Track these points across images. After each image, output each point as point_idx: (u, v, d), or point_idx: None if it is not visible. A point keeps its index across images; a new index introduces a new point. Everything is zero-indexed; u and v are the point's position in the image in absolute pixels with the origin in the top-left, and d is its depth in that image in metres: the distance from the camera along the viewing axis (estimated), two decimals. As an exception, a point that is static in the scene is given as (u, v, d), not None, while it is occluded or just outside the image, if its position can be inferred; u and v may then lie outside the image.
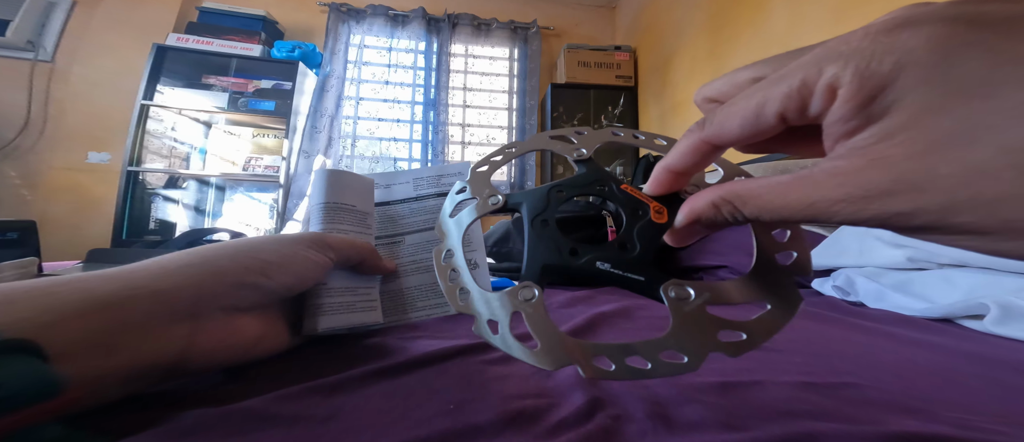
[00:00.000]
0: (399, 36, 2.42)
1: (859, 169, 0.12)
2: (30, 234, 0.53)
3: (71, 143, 1.98)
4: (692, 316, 0.17)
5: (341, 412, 0.19)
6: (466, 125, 2.46)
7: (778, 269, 0.18)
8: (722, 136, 0.15)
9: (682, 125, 1.95)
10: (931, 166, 0.11)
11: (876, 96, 0.12)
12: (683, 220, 0.17)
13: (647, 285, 0.18)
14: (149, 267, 0.21)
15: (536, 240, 0.20)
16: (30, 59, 1.92)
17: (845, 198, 0.12)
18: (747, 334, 0.16)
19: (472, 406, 0.20)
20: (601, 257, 0.19)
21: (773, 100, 0.13)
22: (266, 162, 2.08)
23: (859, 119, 0.12)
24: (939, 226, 0.11)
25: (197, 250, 0.23)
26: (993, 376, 0.27)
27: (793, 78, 0.13)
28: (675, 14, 2.04)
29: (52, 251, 1.14)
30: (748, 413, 0.19)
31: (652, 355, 0.16)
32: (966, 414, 0.20)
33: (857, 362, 0.29)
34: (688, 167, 0.17)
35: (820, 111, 0.13)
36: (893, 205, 0.11)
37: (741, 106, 0.14)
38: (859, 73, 0.12)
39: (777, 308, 0.17)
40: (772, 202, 0.14)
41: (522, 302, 0.18)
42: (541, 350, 0.17)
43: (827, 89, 0.12)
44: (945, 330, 0.41)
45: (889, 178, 0.11)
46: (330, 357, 0.27)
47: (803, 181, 0.13)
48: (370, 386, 0.22)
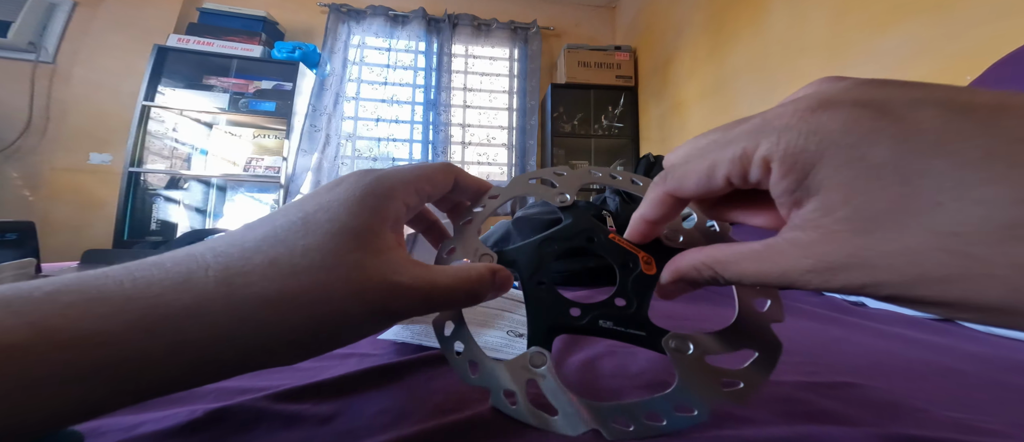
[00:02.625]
0: (399, 36, 2.42)
1: (815, 242, 0.12)
2: (29, 235, 0.53)
3: (73, 144, 1.99)
4: (694, 367, 0.18)
5: (341, 412, 0.19)
6: (466, 125, 2.46)
7: (758, 316, 0.20)
8: (682, 190, 0.16)
9: (682, 125, 1.95)
10: (874, 245, 0.11)
11: (809, 173, 0.12)
12: (669, 279, 0.18)
13: (648, 340, 0.19)
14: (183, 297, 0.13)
15: (536, 303, 0.20)
16: (32, 60, 1.93)
17: (811, 269, 0.13)
18: (743, 382, 0.18)
19: (470, 406, 0.20)
20: (602, 315, 0.20)
21: (721, 164, 0.14)
22: (267, 162, 2.08)
23: (799, 193, 0.13)
24: (908, 298, 0.12)
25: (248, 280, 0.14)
26: (993, 376, 0.27)
27: (735, 146, 0.14)
28: (675, 14, 2.03)
29: (54, 252, 1.14)
30: (748, 413, 0.19)
31: (667, 410, 0.18)
32: (966, 414, 0.20)
33: (857, 362, 0.29)
34: (660, 217, 0.18)
35: (759, 180, 0.14)
36: (855, 278, 0.12)
37: (695, 165, 0.15)
38: (790, 151, 0.12)
39: (763, 355, 0.19)
40: (748, 270, 0.15)
41: (535, 371, 0.18)
42: (561, 418, 0.17)
43: (762, 162, 0.13)
44: (946, 329, 0.41)
45: (843, 253, 0.12)
46: (330, 357, 0.27)
47: (771, 251, 0.14)
48: (370, 386, 0.22)
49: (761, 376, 0.18)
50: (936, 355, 0.31)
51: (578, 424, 0.17)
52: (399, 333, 0.30)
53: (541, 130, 2.46)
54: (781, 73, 1.37)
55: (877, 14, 1.04)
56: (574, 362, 0.26)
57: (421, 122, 2.39)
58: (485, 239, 0.83)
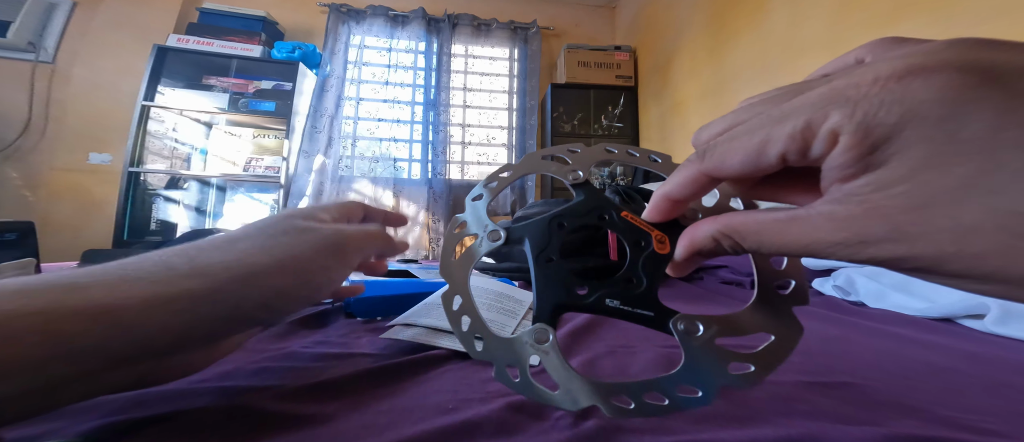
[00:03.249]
0: (399, 36, 2.42)
1: (855, 216, 0.12)
2: (29, 235, 0.53)
3: (72, 144, 1.99)
4: (702, 349, 0.18)
5: (341, 412, 0.19)
6: (466, 125, 2.46)
7: (779, 298, 0.19)
8: (722, 170, 0.15)
9: (682, 125, 1.95)
10: (924, 220, 0.11)
11: (879, 146, 0.12)
12: (683, 253, 0.17)
13: (656, 320, 0.19)
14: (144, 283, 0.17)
15: (543, 279, 0.20)
16: (31, 60, 1.93)
17: (842, 242, 0.12)
18: (755, 366, 0.17)
19: (470, 406, 0.20)
20: (609, 294, 0.19)
21: (777, 140, 0.13)
22: (267, 162, 2.08)
23: (857, 167, 0.12)
24: (933, 271, 0.12)
25: (209, 260, 0.18)
26: (993, 376, 0.27)
27: (796, 119, 0.13)
28: (675, 14, 2.03)
29: (54, 252, 1.14)
30: (748, 413, 0.19)
31: (669, 391, 0.17)
32: (966, 414, 0.20)
33: (857, 362, 0.29)
34: (687, 196, 0.17)
35: (821, 155, 0.13)
36: (887, 251, 0.12)
37: (743, 141, 0.14)
38: (865, 122, 0.12)
39: (780, 339, 0.18)
40: (771, 239, 0.14)
41: (538, 346, 0.18)
42: (561, 393, 0.17)
43: (830, 135, 0.12)
44: (945, 330, 0.41)
45: (885, 228, 0.12)
46: (330, 357, 0.27)
47: (801, 221, 0.13)
48: (370, 386, 0.22)
49: (775, 361, 0.17)
50: (936, 355, 0.31)
51: (578, 400, 0.17)
52: (399, 332, 0.30)
53: (541, 130, 2.46)
54: (781, 73, 1.37)
55: (877, 14, 1.04)
56: (573, 364, 0.26)
57: (421, 122, 2.39)
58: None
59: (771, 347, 0.18)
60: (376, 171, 2.32)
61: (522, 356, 0.18)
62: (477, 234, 0.21)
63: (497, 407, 0.19)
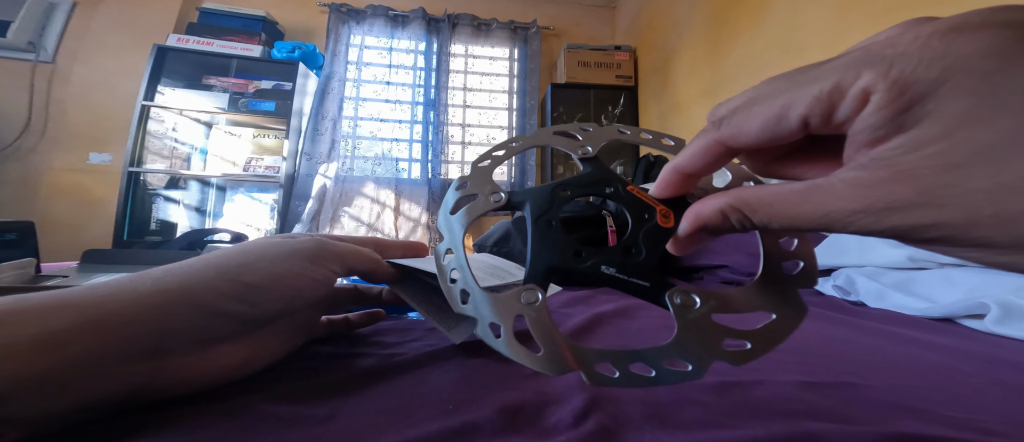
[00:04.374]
0: (399, 36, 2.42)
1: (882, 181, 0.11)
2: (28, 235, 0.53)
3: (72, 144, 1.99)
4: (696, 323, 0.17)
5: (341, 412, 0.19)
6: (466, 125, 2.46)
7: (784, 279, 0.18)
8: (739, 137, 0.14)
9: (682, 124, 1.95)
10: (959, 181, 0.10)
11: (914, 104, 0.11)
12: (688, 228, 0.17)
13: (652, 291, 0.18)
14: (122, 288, 0.18)
15: (539, 241, 0.19)
16: (31, 60, 1.93)
17: (864, 209, 0.12)
18: (751, 343, 0.16)
19: (470, 406, 0.20)
20: (606, 261, 0.18)
21: (800, 102, 0.13)
22: (267, 163, 2.08)
23: (889, 128, 0.11)
24: (955, 239, 0.11)
25: (180, 266, 0.20)
26: (993, 376, 0.27)
27: (825, 81, 0.12)
28: (675, 14, 2.03)
29: (53, 252, 1.14)
30: (747, 413, 0.19)
31: (656, 362, 0.16)
32: (966, 414, 0.20)
33: (857, 362, 0.29)
34: (698, 169, 0.17)
35: (847, 117, 0.12)
36: (912, 218, 0.11)
37: (764, 106, 0.14)
38: (902, 79, 0.11)
39: (781, 318, 0.17)
40: (784, 211, 0.13)
41: (525, 305, 0.17)
42: (544, 356, 0.16)
43: (861, 93, 0.12)
44: (946, 329, 0.41)
45: (913, 192, 0.11)
46: (330, 357, 0.27)
47: (818, 190, 0.13)
48: (370, 386, 0.22)
49: (774, 341, 0.16)
50: (936, 355, 0.31)
51: (560, 365, 0.16)
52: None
53: (541, 130, 2.46)
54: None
55: (877, 14, 1.04)
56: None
57: (421, 122, 2.39)
58: (485, 238, 0.83)
59: (771, 325, 0.17)
60: (377, 171, 2.32)
61: (506, 314, 0.17)
62: (477, 194, 0.21)
63: (497, 408, 0.19)
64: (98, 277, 0.40)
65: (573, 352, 0.16)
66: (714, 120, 0.15)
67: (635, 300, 0.43)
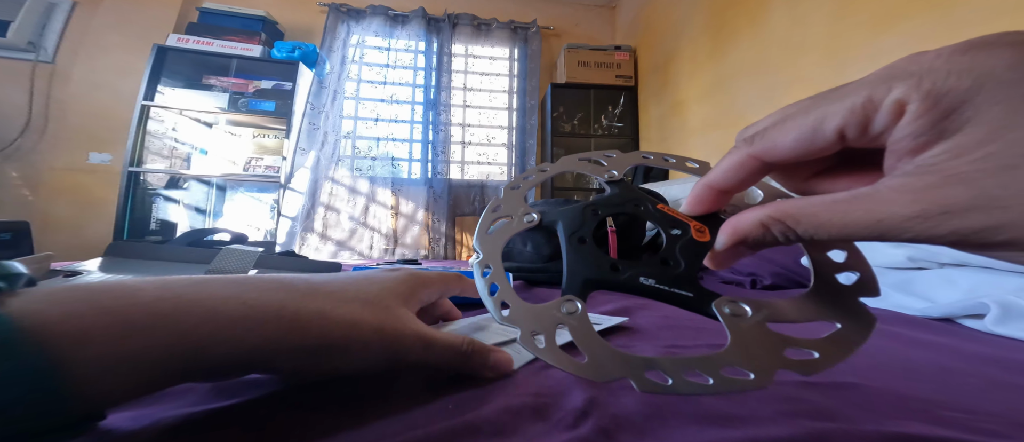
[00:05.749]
0: (399, 36, 2.42)
1: (934, 186, 0.11)
2: (23, 235, 0.53)
3: (72, 144, 1.99)
4: (752, 333, 0.16)
5: (341, 413, 0.19)
6: (466, 125, 2.46)
7: (842, 289, 0.18)
8: (773, 152, 0.14)
9: (681, 125, 1.95)
10: (1013, 182, 0.10)
11: (951, 112, 0.11)
12: (727, 241, 0.16)
13: (696, 301, 0.18)
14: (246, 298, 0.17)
15: (574, 256, 0.20)
16: (31, 60, 1.93)
17: (919, 215, 0.12)
18: (819, 353, 0.16)
19: (471, 406, 0.20)
20: (644, 273, 0.18)
21: (834, 115, 0.13)
22: (267, 162, 2.08)
23: (930, 135, 0.12)
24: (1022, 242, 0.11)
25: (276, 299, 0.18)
26: (993, 376, 0.27)
27: (857, 95, 0.13)
28: (675, 14, 2.03)
29: (54, 251, 1.13)
30: (747, 413, 0.19)
31: (713, 370, 0.16)
32: (966, 414, 0.20)
33: (857, 362, 0.29)
34: (732, 185, 0.16)
35: (884, 128, 0.12)
36: (973, 221, 0.11)
37: (797, 121, 0.14)
38: (934, 90, 0.11)
39: (849, 328, 0.17)
40: (831, 220, 0.13)
41: (565, 315, 0.18)
42: (590, 363, 0.16)
43: (895, 105, 0.12)
44: (946, 330, 0.41)
45: (970, 194, 0.11)
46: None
47: (866, 198, 0.13)
48: (370, 387, 0.22)
49: (845, 350, 0.16)
50: (936, 355, 0.31)
51: (607, 371, 0.16)
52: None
53: (541, 130, 2.46)
54: (781, 73, 1.37)
55: (877, 14, 1.04)
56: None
57: (421, 122, 2.39)
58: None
59: (838, 335, 0.16)
60: (375, 170, 2.32)
61: (548, 323, 0.18)
62: (511, 216, 0.22)
63: (497, 408, 0.19)
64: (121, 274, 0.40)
65: (619, 359, 0.16)
66: (746, 137, 0.15)
67: (623, 303, 0.43)
